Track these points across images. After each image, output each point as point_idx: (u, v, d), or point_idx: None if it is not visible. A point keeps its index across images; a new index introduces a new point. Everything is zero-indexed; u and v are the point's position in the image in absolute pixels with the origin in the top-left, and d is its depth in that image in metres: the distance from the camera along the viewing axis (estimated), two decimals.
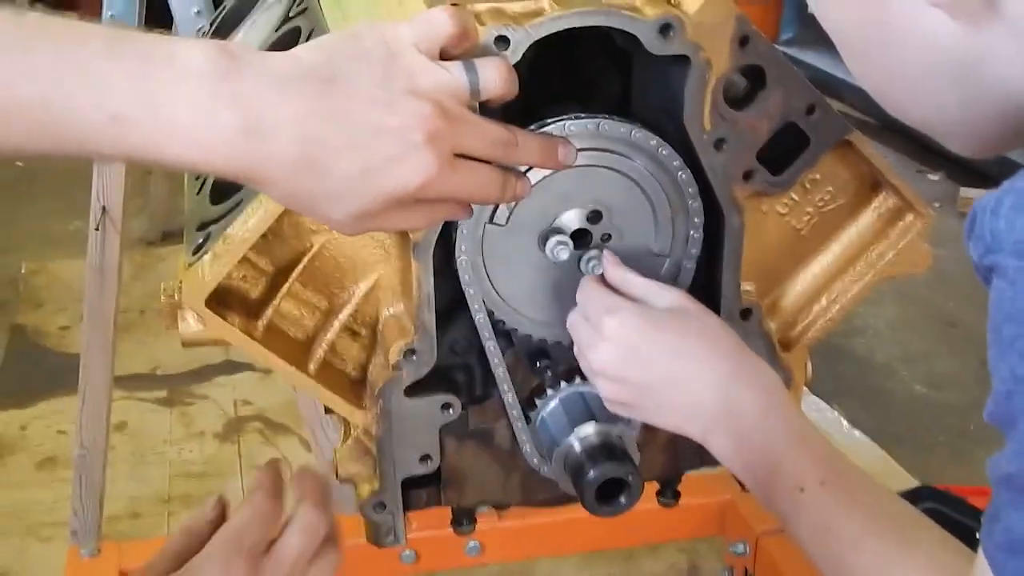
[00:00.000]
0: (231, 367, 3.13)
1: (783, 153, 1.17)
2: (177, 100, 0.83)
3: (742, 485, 1.10)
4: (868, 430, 2.86)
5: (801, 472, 1.00)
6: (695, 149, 1.12)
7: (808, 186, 1.21)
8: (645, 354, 1.08)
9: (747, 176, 1.15)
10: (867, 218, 1.24)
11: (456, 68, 0.92)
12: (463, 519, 1.31)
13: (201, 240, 1.14)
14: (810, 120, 1.15)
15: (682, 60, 1.07)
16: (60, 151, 0.86)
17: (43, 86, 0.82)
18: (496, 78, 0.93)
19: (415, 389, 1.19)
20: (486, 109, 0.96)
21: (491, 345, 1.18)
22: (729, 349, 1.08)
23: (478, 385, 1.24)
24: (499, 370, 1.20)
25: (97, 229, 2.12)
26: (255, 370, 3.10)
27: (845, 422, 2.90)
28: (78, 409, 2.21)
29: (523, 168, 1.07)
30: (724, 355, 1.07)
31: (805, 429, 1.04)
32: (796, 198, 1.22)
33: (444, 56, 0.92)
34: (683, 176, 1.14)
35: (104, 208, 2.11)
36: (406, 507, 1.24)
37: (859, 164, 1.21)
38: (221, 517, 1.04)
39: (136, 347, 3.22)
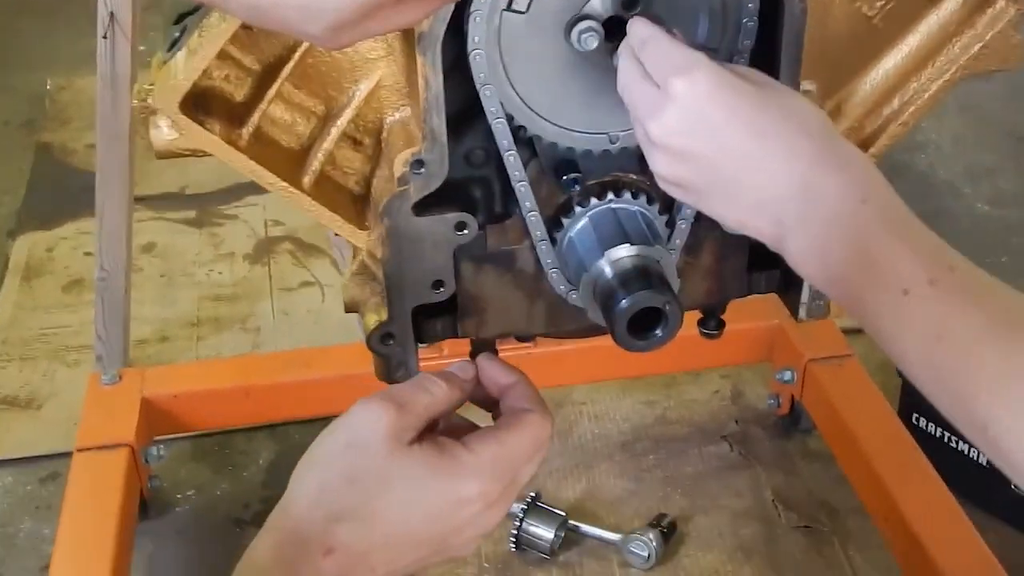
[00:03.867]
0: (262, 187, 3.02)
1: None
2: None
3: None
4: None
5: (905, 270, 0.84)
6: None
7: None
8: (717, 123, 0.90)
9: None
10: (950, 4, 1.10)
11: None
12: (483, 352, 1.18)
13: (177, 34, 1.00)
14: None
15: None
16: None
17: None
18: None
19: (425, 206, 1.05)
20: None
21: (511, 156, 1.04)
22: (817, 129, 0.90)
23: (497, 202, 1.10)
24: (520, 184, 1.06)
25: (105, 37, 1.97)
26: None
27: None
28: (96, 230, 2.11)
29: None
30: (809, 135, 0.89)
31: (907, 220, 0.87)
32: None
33: None
34: None
35: (112, 14, 1.96)
36: (418, 339, 1.12)
37: None
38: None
39: (164, 166, 3.06)
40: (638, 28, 0.96)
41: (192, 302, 2.69)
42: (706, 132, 0.89)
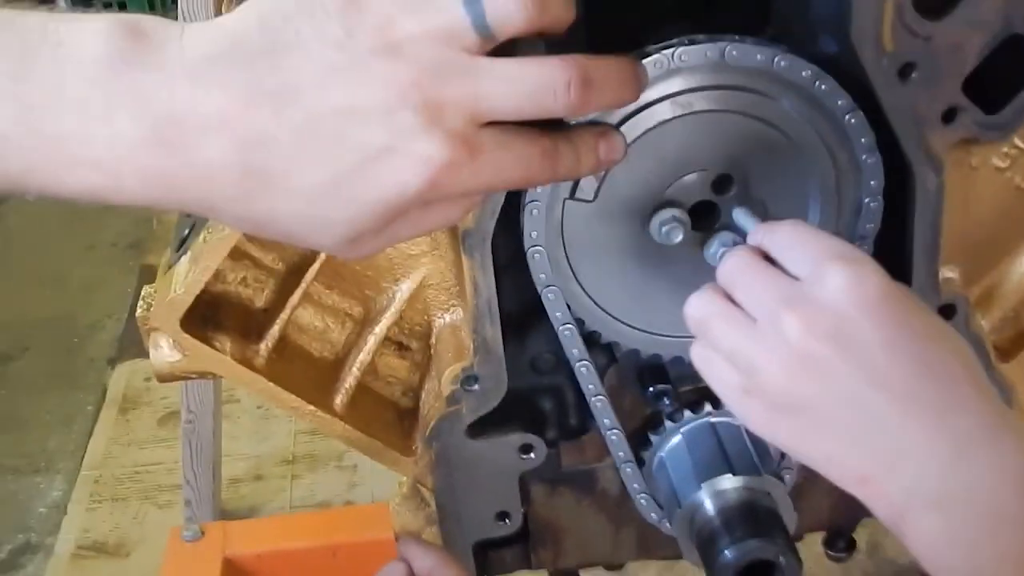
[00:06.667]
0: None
1: (1002, 81, 0.85)
2: (64, 106, 0.61)
3: None
4: None
5: None
6: (870, 81, 0.82)
7: None
8: (878, 341, 0.70)
9: (948, 116, 0.85)
10: None
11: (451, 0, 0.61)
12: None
13: (187, 231, 0.85)
14: None
15: None
16: None
17: None
18: (513, 4, 0.60)
19: (481, 427, 0.88)
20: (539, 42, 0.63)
21: (583, 366, 0.86)
22: (984, 380, 0.70)
23: (572, 415, 0.93)
24: (596, 399, 0.88)
25: None
26: None
27: None
28: None
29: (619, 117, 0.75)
30: (977, 385, 0.69)
31: None
32: (1022, 146, 0.91)
33: None
34: (852, 121, 0.82)
35: None
36: (482, 572, 0.94)
37: None
38: None
39: None
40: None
41: (288, 436, 2.57)
42: (858, 346, 0.69)
